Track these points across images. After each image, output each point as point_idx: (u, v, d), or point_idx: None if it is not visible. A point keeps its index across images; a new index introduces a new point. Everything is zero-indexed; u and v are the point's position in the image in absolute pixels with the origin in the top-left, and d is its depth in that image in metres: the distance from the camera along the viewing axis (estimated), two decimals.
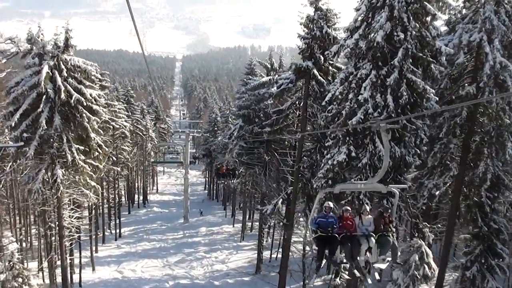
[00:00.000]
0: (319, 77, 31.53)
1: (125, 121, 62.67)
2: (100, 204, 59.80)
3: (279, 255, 53.39)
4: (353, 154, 24.05)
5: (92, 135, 31.64)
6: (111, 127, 55.18)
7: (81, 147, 31.68)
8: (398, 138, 23.68)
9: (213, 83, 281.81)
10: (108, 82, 56.42)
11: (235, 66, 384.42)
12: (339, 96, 24.74)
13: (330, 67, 32.69)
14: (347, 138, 24.27)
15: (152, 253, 57.49)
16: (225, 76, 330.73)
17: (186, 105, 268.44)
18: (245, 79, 48.66)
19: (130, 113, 79.08)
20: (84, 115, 30.53)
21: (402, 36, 21.75)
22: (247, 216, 69.70)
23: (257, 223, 69.35)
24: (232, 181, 49.25)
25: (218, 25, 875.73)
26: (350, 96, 23.62)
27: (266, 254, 53.07)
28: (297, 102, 35.82)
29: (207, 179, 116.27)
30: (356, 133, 24.13)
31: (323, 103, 26.38)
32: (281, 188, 41.95)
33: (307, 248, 42.05)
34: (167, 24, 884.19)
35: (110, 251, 58.60)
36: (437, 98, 24.31)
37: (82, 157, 31.85)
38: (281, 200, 37.62)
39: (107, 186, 64.51)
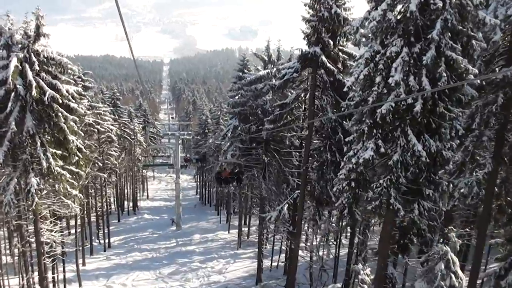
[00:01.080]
0: (328, 64, 27.72)
1: (112, 124, 59.16)
2: (87, 213, 56.07)
3: (281, 263, 50.06)
4: (382, 149, 20.14)
5: (70, 137, 27.58)
6: (96, 130, 51.60)
7: (59, 152, 27.71)
8: (434, 129, 19.81)
9: (201, 85, 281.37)
10: (91, 83, 53.03)
11: (223, 69, 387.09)
12: (364, 80, 20.64)
13: (340, 53, 28.96)
14: (374, 131, 20.32)
15: (143, 264, 53.61)
16: (214, 78, 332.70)
17: (175, 108, 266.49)
18: (240, 74, 45.06)
19: (117, 117, 75.95)
20: (60, 114, 26.47)
21: (440, 4, 17.84)
22: (243, 222, 65.96)
23: (254, 228, 66.15)
24: (237, 187, 44.53)
25: (205, 28, 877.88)
26: (378, 79, 19.51)
27: (266, 261, 49.13)
28: (302, 95, 32.00)
29: (198, 183, 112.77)
30: (384, 124, 20.17)
31: (345, 88, 22.18)
32: (282, 192, 38.49)
33: (313, 256, 38.65)
34: (153, 28, 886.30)
35: (99, 264, 54.67)
36: (478, 81, 20.64)
37: (60, 163, 27.89)
38: (286, 205, 33.75)
39: (94, 194, 60.91)
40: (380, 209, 21.09)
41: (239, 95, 41.58)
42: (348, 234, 45.72)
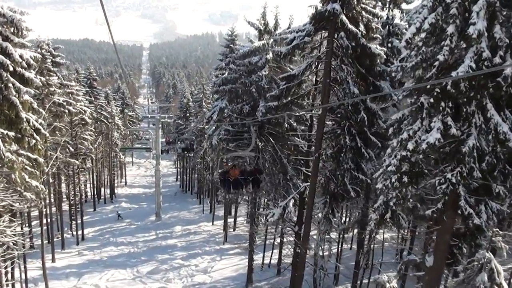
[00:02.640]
0: (350, 25, 22.23)
1: (86, 106, 53.66)
2: (58, 202, 51.04)
3: (273, 261, 45.28)
4: (453, 130, 14.45)
5: (24, 115, 21.98)
6: (67, 111, 45.91)
7: (11, 133, 22.09)
8: None
9: (181, 70, 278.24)
10: (63, 59, 47.64)
11: (204, 53, 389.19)
12: (429, 31, 14.80)
13: (363, 12, 23.48)
14: (442, 104, 14.55)
15: (119, 261, 48.42)
16: (194, 63, 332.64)
17: (155, 93, 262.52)
18: (231, 46, 39.84)
19: (92, 98, 70.77)
20: (10, 85, 20.80)
21: None
22: (228, 212, 60.97)
23: (241, 219, 61.50)
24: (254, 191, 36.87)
25: (185, 13, 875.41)
26: (450, 29, 13.90)
27: (256, 258, 43.67)
28: (313, 66, 26.40)
29: (179, 169, 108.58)
30: (458, 95, 14.37)
31: (402, 43, 16.32)
32: (279, 183, 33.54)
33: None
34: (133, 12, 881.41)
35: (70, 260, 49.29)
36: None
37: (14, 147, 22.40)
38: (292, 201, 28.29)
39: (66, 182, 56.69)
40: (443, 214, 15.69)
41: (229, 70, 36.11)
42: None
